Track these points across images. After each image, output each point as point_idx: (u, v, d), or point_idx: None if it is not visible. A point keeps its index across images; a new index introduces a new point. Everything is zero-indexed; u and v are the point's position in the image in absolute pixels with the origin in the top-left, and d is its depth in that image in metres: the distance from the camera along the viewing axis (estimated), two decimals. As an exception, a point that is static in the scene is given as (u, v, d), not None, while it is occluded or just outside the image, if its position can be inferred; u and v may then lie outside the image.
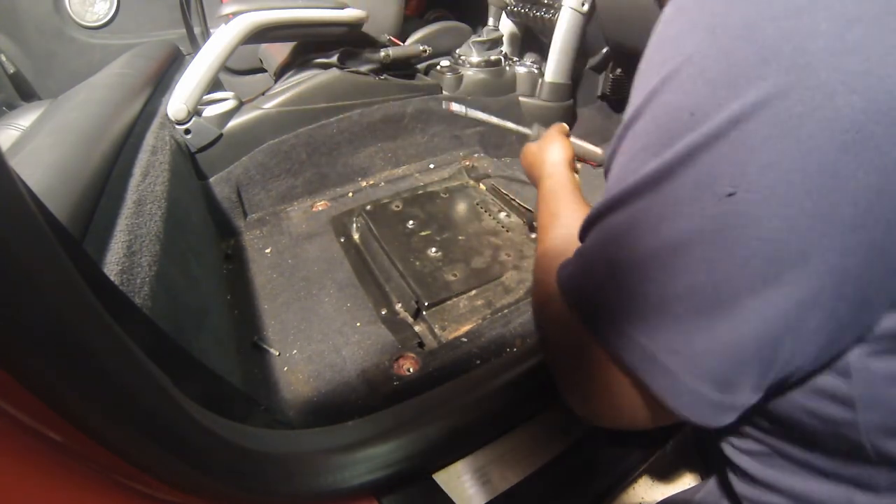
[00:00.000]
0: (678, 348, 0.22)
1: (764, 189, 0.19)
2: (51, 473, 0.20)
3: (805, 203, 0.19)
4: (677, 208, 0.22)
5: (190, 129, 0.79)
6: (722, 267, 0.21)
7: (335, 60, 0.95)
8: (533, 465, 0.44)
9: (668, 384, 0.23)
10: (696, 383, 0.22)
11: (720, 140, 0.20)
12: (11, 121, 0.79)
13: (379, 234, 0.79)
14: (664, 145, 0.22)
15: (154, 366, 0.24)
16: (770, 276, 0.20)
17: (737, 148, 0.20)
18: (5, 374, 0.17)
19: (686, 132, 0.21)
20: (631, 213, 0.24)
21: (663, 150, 0.22)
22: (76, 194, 0.45)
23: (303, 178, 0.94)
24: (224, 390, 0.43)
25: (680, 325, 0.22)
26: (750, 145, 0.19)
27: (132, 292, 0.40)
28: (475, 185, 0.98)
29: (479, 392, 0.43)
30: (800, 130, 0.18)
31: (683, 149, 0.21)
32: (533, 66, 1.17)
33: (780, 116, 0.19)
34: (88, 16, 1.24)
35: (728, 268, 0.21)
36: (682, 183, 0.21)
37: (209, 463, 0.27)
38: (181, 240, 0.57)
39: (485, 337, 0.62)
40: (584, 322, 0.27)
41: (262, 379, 0.59)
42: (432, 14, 1.54)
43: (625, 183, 0.24)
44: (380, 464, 0.38)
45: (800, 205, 0.19)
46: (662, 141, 0.22)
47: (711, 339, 0.22)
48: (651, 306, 0.23)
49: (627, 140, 0.25)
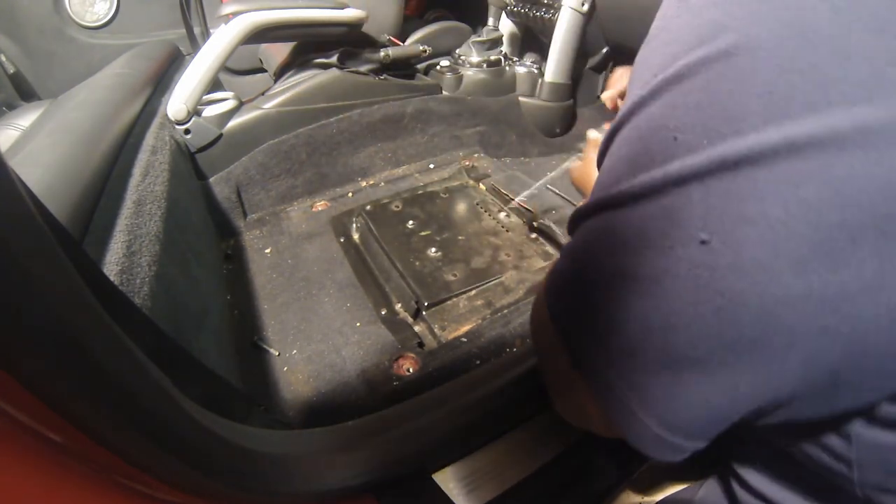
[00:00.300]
0: (640, 390, 0.22)
1: (736, 244, 0.17)
2: (51, 473, 0.20)
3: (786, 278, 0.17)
4: (650, 236, 0.20)
5: (190, 129, 0.79)
6: (689, 321, 0.19)
7: (335, 60, 0.95)
8: (533, 466, 0.44)
9: (627, 422, 0.23)
10: (658, 428, 0.22)
11: (701, 179, 0.18)
12: (11, 121, 0.79)
13: (379, 234, 0.79)
14: (644, 166, 0.20)
15: (154, 366, 0.24)
16: (741, 347, 0.19)
17: (714, 192, 0.18)
18: (5, 375, 0.17)
19: (668, 160, 0.19)
20: (608, 221, 0.23)
21: (641, 171, 0.20)
22: (76, 194, 0.45)
23: (303, 178, 0.94)
24: (224, 390, 0.43)
25: (646, 367, 0.21)
26: (732, 192, 0.17)
27: (132, 292, 0.40)
28: (475, 185, 0.98)
29: (478, 392, 0.43)
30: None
31: (661, 177, 0.19)
32: (533, 66, 1.17)
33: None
34: (88, 16, 1.24)
35: (695, 325, 0.19)
36: (654, 212, 0.20)
37: (209, 463, 0.27)
38: (181, 240, 0.57)
39: (485, 337, 0.62)
40: (556, 331, 0.27)
41: (262, 379, 0.59)
42: (432, 14, 1.54)
43: (606, 191, 0.22)
44: (379, 464, 0.38)
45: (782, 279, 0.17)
46: (643, 160, 0.21)
47: (673, 390, 0.21)
48: (617, 336, 0.22)
49: (616, 141, 0.23)
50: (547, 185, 1.06)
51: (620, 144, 0.23)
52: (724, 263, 0.18)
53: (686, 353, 0.20)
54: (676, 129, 0.19)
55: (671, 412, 0.22)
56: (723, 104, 0.18)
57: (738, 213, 0.17)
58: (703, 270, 0.18)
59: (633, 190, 0.20)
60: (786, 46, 0.16)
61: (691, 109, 0.19)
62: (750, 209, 0.17)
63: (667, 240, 0.19)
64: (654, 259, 0.20)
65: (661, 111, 0.20)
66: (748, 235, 0.17)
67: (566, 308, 0.27)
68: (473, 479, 0.43)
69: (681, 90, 0.19)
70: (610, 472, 0.48)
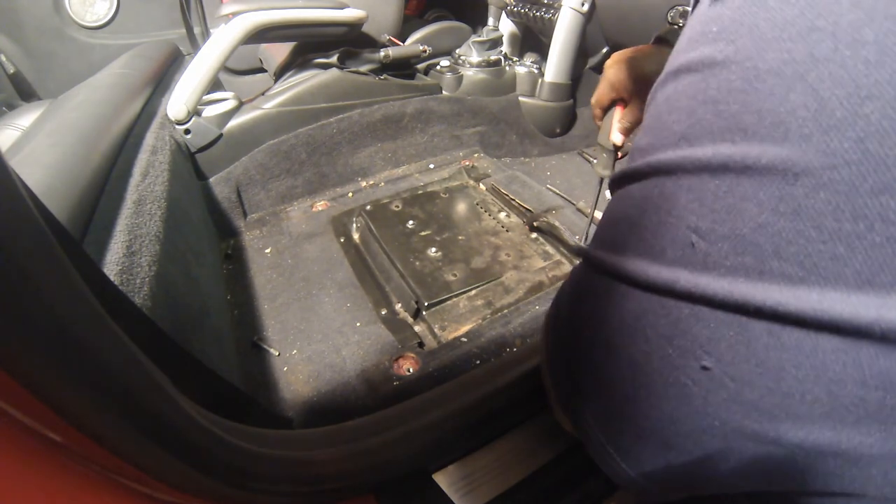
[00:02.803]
0: (623, 448, 0.22)
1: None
2: (51, 474, 0.20)
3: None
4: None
5: (190, 129, 0.79)
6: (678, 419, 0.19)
7: (335, 60, 0.95)
8: (533, 465, 0.44)
9: (607, 463, 0.23)
10: (636, 476, 0.22)
11: (683, 176, 0.18)
12: (11, 121, 0.79)
13: (379, 234, 0.79)
14: (656, 146, 0.20)
15: (154, 366, 0.24)
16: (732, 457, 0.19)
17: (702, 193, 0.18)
18: (5, 375, 0.17)
19: (670, 147, 0.19)
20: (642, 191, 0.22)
21: (653, 151, 0.20)
22: (76, 194, 0.45)
23: (303, 178, 0.94)
24: (224, 390, 0.43)
25: (632, 434, 0.21)
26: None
27: (132, 292, 0.40)
28: (475, 185, 0.98)
29: (478, 392, 0.43)
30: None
31: (663, 159, 0.19)
32: (533, 66, 1.17)
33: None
34: (88, 16, 1.24)
35: (686, 424, 0.19)
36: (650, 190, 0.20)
37: (209, 463, 0.27)
38: (181, 240, 0.57)
39: (485, 337, 0.62)
40: (548, 359, 0.28)
41: (262, 379, 0.59)
42: (432, 14, 1.54)
43: (636, 157, 0.22)
44: (379, 464, 0.37)
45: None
46: (659, 137, 0.21)
47: (656, 456, 0.21)
48: (605, 400, 0.22)
49: (660, 98, 0.22)
50: (547, 185, 1.06)
51: (655, 108, 0.22)
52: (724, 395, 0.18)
53: (670, 441, 0.20)
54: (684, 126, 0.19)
55: (650, 469, 0.22)
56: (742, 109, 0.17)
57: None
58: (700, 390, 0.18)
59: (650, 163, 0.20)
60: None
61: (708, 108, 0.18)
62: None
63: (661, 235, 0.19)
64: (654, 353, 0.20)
65: (688, 91, 0.19)
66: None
67: (559, 346, 0.27)
68: (473, 479, 0.43)
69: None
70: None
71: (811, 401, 0.16)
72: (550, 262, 0.76)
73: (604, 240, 0.24)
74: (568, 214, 0.83)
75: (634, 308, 0.20)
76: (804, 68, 0.15)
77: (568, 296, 0.27)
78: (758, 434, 0.17)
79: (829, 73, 0.14)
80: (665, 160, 0.19)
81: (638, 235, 0.21)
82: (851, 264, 0.14)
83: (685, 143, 0.18)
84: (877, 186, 0.14)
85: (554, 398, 0.29)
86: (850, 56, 0.14)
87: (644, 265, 0.20)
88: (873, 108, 0.13)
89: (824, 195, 0.14)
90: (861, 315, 0.14)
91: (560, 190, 1.05)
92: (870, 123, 0.13)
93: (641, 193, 0.21)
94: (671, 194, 0.19)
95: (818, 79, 0.14)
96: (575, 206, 0.93)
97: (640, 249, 0.20)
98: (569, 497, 0.45)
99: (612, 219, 0.24)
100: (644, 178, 0.21)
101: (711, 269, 0.17)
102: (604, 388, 0.22)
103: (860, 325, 0.14)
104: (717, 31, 0.17)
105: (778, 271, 0.16)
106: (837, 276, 0.15)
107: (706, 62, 0.18)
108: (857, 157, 0.14)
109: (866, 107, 0.13)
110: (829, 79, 0.14)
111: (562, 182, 1.11)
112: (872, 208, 0.14)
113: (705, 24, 0.18)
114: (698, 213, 0.18)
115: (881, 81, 0.13)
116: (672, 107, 0.20)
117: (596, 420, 0.23)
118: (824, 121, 0.14)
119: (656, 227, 0.20)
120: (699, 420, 0.19)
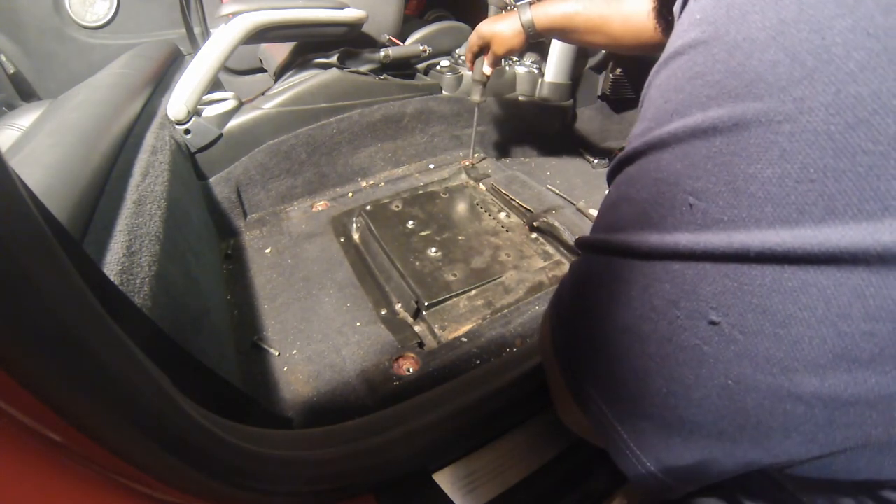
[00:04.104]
0: (639, 434, 0.22)
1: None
2: (51, 474, 0.20)
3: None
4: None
5: (190, 129, 0.79)
6: (692, 390, 0.20)
7: (335, 60, 0.95)
8: (533, 465, 0.44)
9: (623, 457, 0.23)
10: (653, 468, 0.22)
11: (676, 145, 0.19)
12: (11, 121, 0.79)
13: (379, 234, 0.79)
14: (651, 128, 0.21)
15: (154, 366, 0.24)
16: (746, 423, 0.19)
17: (688, 158, 0.19)
18: (5, 375, 0.17)
19: (664, 124, 0.20)
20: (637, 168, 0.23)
21: (648, 133, 0.21)
22: (76, 194, 0.45)
23: (303, 178, 0.94)
24: (224, 390, 0.43)
25: (646, 416, 0.21)
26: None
27: (132, 292, 0.40)
28: (475, 185, 0.98)
29: (478, 392, 0.43)
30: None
31: (659, 134, 0.20)
32: (533, 66, 1.17)
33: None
34: (88, 16, 1.24)
35: (701, 397, 0.19)
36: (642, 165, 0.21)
37: (209, 463, 0.27)
38: (181, 240, 0.57)
39: (484, 337, 0.62)
40: (554, 352, 0.27)
41: (262, 379, 0.59)
42: (432, 14, 1.54)
43: (632, 142, 0.23)
44: (379, 464, 0.37)
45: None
46: (654, 119, 0.21)
47: (673, 442, 0.21)
48: (617, 384, 0.22)
49: (654, 87, 0.23)
50: (547, 185, 1.06)
51: (655, 91, 0.23)
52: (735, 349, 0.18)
53: (688, 417, 0.20)
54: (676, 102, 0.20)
55: (669, 458, 0.22)
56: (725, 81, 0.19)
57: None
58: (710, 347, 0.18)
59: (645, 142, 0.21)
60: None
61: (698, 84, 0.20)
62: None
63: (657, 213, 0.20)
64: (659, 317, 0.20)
65: (683, 71, 0.21)
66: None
67: (566, 336, 0.26)
68: (473, 479, 0.43)
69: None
70: (610, 472, 0.48)
71: (820, 342, 0.16)
72: (550, 262, 0.76)
73: (604, 223, 0.24)
74: (568, 214, 0.83)
75: (639, 279, 0.21)
76: (776, 31, 0.16)
77: (570, 283, 0.27)
78: (773, 389, 0.17)
79: (797, 31, 0.16)
80: (658, 135, 0.20)
81: (638, 210, 0.21)
82: (840, 197, 0.15)
83: (677, 116, 0.20)
84: (851, 122, 0.15)
85: (562, 387, 0.29)
86: (813, 14, 0.16)
87: (646, 236, 0.20)
88: (838, 54, 0.15)
89: (805, 137, 0.16)
90: (856, 242, 0.15)
91: (560, 190, 1.05)
92: (838, 68, 0.15)
93: (638, 171, 0.22)
94: (666, 165, 0.20)
95: (788, 37, 0.16)
96: (575, 206, 0.93)
97: (642, 223, 0.21)
98: (569, 497, 0.45)
99: (612, 203, 0.24)
100: (640, 157, 0.22)
101: (711, 226, 0.18)
102: (613, 366, 0.22)
103: (856, 252, 0.15)
104: (700, 18, 0.19)
105: (772, 215, 0.16)
106: (828, 210, 0.16)
107: (692, 44, 0.19)
108: (829, 98, 0.15)
109: (832, 53, 0.15)
110: (798, 35, 0.16)
111: (562, 182, 1.11)
112: (851, 142, 0.15)
113: (691, 15, 0.20)
114: (693, 176, 0.19)
115: (844, 29, 0.15)
116: (664, 90, 0.21)
117: (606, 402, 0.23)
118: (797, 72, 0.16)
119: (655, 198, 0.20)
120: (712, 382, 0.19)
